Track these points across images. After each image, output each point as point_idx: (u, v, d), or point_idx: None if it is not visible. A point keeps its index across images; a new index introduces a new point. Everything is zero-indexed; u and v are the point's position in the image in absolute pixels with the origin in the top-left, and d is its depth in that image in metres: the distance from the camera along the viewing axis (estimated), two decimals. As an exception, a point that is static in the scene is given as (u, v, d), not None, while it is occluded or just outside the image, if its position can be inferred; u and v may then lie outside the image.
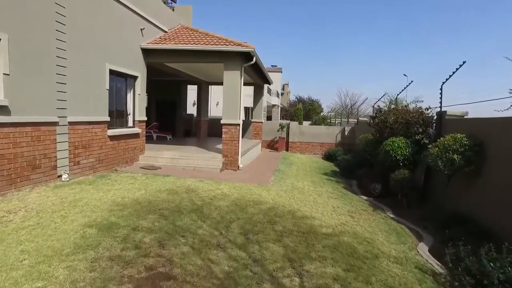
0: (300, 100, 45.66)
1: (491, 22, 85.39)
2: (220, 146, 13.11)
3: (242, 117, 10.96)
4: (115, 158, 9.36)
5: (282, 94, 41.41)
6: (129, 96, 10.32)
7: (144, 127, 11.03)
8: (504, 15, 78.14)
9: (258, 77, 14.81)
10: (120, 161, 9.66)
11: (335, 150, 17.04)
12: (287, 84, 47.12)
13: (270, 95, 29.98)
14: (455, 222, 6.30)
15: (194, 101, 23.70)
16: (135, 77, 10.36)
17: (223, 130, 10.66)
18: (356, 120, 19.53)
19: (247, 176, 9.99)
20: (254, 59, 10.59)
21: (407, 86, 11.28)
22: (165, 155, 10.85)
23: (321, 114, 36.51)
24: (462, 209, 6.60)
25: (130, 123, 10.40)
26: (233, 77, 10.48)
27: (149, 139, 14.61)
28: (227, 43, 10.32)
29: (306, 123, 23.45)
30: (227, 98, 10.58)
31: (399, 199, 8.52)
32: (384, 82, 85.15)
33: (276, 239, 4.99)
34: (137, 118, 10.51)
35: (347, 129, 18.67)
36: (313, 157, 17.96)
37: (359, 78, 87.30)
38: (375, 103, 15.24)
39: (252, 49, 10.04)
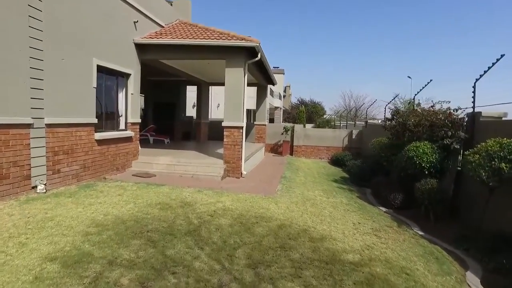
0: (302, 102, 44.59)
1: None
2: (221, 150, 12.02)
3: (245, 119, 9.88)
4: (103, 164, 8.26)
5: (284, 96, 40.33)
6: (121, 96, 9.22)
7: (138, 130, 9.93)
8: None
9: (262, 77, 13.72)
10: (110, 168, 8.56)
11: (343, 155, 15.94)
12: (289, 87, 46.10)
13: (273, 97, 28.88)
14: (504, 244, 5.19)
15: (194, 103, 22.65)
16: (127, 75, 9.27)
17: (224, 133, 9.56)
18: (363, 122, 18.42)
19: (252, 184, 8.87)
20: (259, 55, 9.51)
21: (426, 85, 10.19)
22: (161, 160, 9.75)
23: (324, 116, 35.43)
24: (511, 229, 5.48)
25: (122, 126, 9.30)
26: (236, 75, 9.40)
27: (145, 143, 13.52)
28: (229, 38, 9.24)
29: (309, 126, 22.33)
30: (229, 98, 9.48)
31: (423, 212, 7.42)
32: (384, 84, 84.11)
33: (294, 273, 3.87)
34: (130, 120, 9.42)
35: (355, 132, 17.57)
36: (320, 162, 16.85)
37: (361, 79, 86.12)
38: (386, 105, 14.15)
39: (257, 44, 8.96)
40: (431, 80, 10.23)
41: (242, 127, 9.61)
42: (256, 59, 9.58)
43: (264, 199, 7.26)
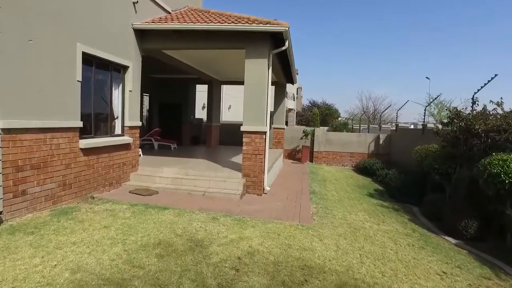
0: (313, 104, 42.51)
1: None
2: (236, 158, 10.10)
3: (269, 122, 7.96)
4: (91, 180, 6.39)
5: (296, 98, 38.35)
6: (116, 93, 7.36)
7: (138, 135, 8.05)
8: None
9: (282, 73, 11.78)
10: (101, 184, 6.68)
11: (371, 162, 13.90)
12: (301, 88, 44.14)
13: (286, 98, 26.91)
14: None
15: (204, 104, 20.80)
16: (124, 68, 7.41)
17: (244, 140, 7.63)
18: (390, 125, 16.39)
19: (279, 205, 6.93)
20: (287, 44, 7.58)
21: (490, 80, 8.14)
22: (166, 173, 7.85)
23: (339, 119, 33.32)
24: None
25: (118, 130, 7.44)
26: (258, 68, 7.47)
27: (149, 149, 11.64)
28: (250, 22, 7.33)
29: (322, 129, 20.29)
30: (250, 97, 7.56)
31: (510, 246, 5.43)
32: (394, 84, 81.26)
33: None
34: (127, 124, 7.55)
35: (382, 137, 15.52)
36: (344, 170, 14.83)
37: (372, 82, 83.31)
38: (425, 107, 12.11)
39: (286, 29, 7.03)
40: (496, 75, 8.19)
41: (266, 132, 7.68)
42: (283, 48, 7.65)
43: (302, 230, 5.30)
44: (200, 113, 19.73)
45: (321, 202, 7.67)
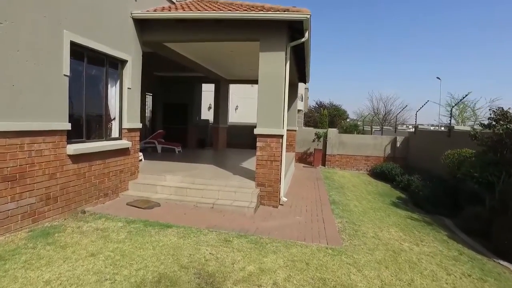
0: (320, 105, 41.37)
1: None
2: (247, 163, 9.11)
3: (285, 124, 6.97)
4: (82, 191, 5.43)
5: (303, 99, 37.30)
6: (113, 91, 6.42)
7: (138, 138, 7.10)
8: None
9: (296, 70, 10.78)
10: (94, 195, 5.73)
11: (390, 167, 12.84)
12: (307, 89, 43.03)
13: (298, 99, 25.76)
14: None
15: (210, 104, 19.84)
16: (122, 62, 6.47)
17: (257, 144, 6.64)
18: (408, 127, 15.33)
19: (299, 219, 5.93)
20: (307, 35, 6.59)
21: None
22: (169, 181, 6.90)
23: (347, 120, 32.22)
24: None
25: (115, 133, 6.49)
26: (275, 62, 6.49)
27: (151, 153, 10.69)
28: (264, 10, 6.36)
29: (335, 131, 19.18)
30: (265, 96, 6.57)
31: None
32: (402, 87, 79.71)
33: None
34: (125, 126, 6.59)
35: (399, 139, 14.46)
36: (359, 174, 13.79)
37: (378, 80, 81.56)
38: (452, 107, 11.04)
39: (307, 17, 6.03)
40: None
41: (282, 136, 6.69)
42: (302, 39, 6.66)
43: (333, 256, 4.29)
44: (206, 114, 18.78)
45: (345, 215, 6.66)
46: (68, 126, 4.96)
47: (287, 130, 12.92)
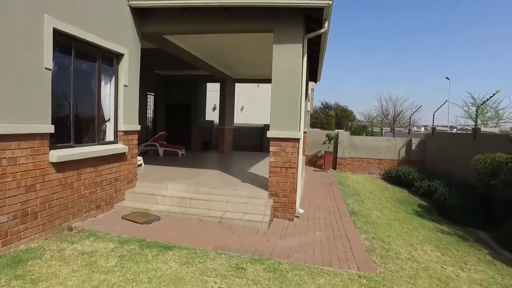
0: (326, 106, 40.45)
1: None
2: (256, 168, 8.26)
3: (302, 126, 6.13)
4: (70, 204, 4.63)
5: (309, 99, 36.45)
6: (107, 88, 5.61)
7: (136, 142, 6.28)
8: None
9: (308, 67, 9.91)
10: (84, 208, 4.92)
11: (406, 171, 11.96)
12: (313, 89, 42.17)
13: (302, 99, 24.89)
14: None
15: (215, 104, 19.03)
16: (118, 56, 5.67)
17: (271, 149, 5.81)
18: (423, 129, 14.44)
19: (319, 235, 5.09)
20: (326, 25, 5.75)
21: None
22: (170, 190, 6.08)
23: (354, 121, 31.32)
24: None
25: (109, 136, 5.68)
26: (291, 55, 5.65)
27: (153, 156, 9.89)
28: (279, -4, 5.52)
29: (347, 133, 18.27)
30: (279, 94, 5.74)
31: None
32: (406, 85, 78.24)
33: None
34: (121, 128, 5.78)
35: (415, 141, 13.57)
36: (373, 179, 12.91)
37: (384, 81, 79.98)
38: (480, 105, 10.16)
39: (328, 3, 5.19)
40: None
41: (299, 139, 5.85)
42: (321, 30, 5.80)
43: (370, 290, 3.45)
44: (211, 115, 17.97)
45: (369, 228, 5.81)
46: (50, 128, 4.16)
47: (297, 132, 12.12)
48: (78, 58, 4.83)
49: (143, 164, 8.13)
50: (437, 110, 13.26)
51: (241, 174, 7.56)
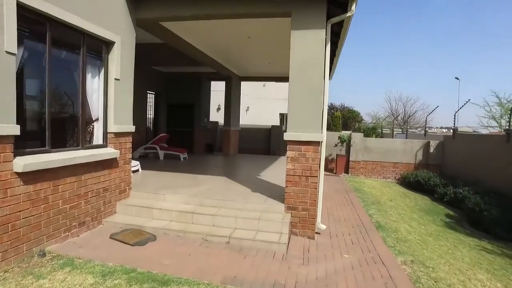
0: (331, 107, 39.46)
1: None
2: (267, 174, 7.26)
3: (325, 127, 5.17)
4: (43, 222, 3.69)
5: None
6: (95, 82, 4.69)
7: (130, 145, 5.35)
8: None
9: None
10: (62, 226, 3.99)
11: (426, 176, 10.96)
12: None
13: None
14: None
15: (219, 105, 18.13)
16: (107, 44, 4.75)
17: (288, 154, 4.85)
18: (443, 131, 13.44)
19: (349, 259, 4.12)
20: (353, 8, 4.79)
21: None
22: (169, 202, 5.15)
23: (361, 122, 30.30)
24: None
25: (97, 139, 4.76)
26: (312, 43, 4.71)
27: (153, 160, 8.97)
28: (298, -27, 4.59)
29: (360, 135, 17.18)
30: (298, 89, 4.79)
31: None
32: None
33: None
34: (112, 129, 4.86)
35: (433, 144, 12.56)
36: (389, 184, 11.91)
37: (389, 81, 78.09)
38: None
39: (359, -21, 4.24)
40: None
41: (321, 142, 4.90)
42: (348, 14, 4.85)
43: None
44: (215, 116, 17.05)
45: (403, 248, 4.85)
46: (14, 129, 3.23)
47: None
48: (56, 44, 3.91)
49: (140, 170, 7.22)
50: (458, 110, 12.27)
51: (251, 182, 6.60)
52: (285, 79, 14.20)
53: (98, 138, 4.78)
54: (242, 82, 12.29)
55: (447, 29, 78.65)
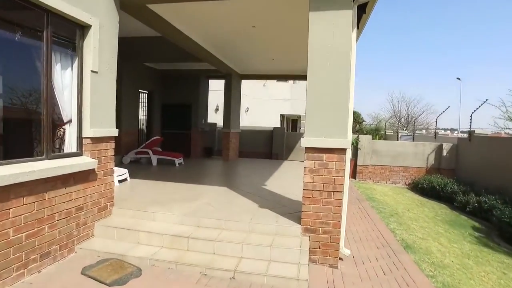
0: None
1: None
2: (274, 183, 6.13)
3: (350, 131, 4.24)
4: (-14, 261, 2.72)
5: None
6: (66, 75, 3.72)
7: (111, 152, 4.36)
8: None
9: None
10: (14, 263, 3.00)
11: (442, 182, 10.07)
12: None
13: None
14: None
15: (217, 106, 17.15)
16: (82, 28, 3.78)
17: (306, 163, 3.89)
18: (454, 132, 12.58)
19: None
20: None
21: None
22: (159, 222, 4.19)
23: (363, 123, 29.43)
24: None
25: (69, 146, 3.79)
26: (336, 26, 3.76)
27: (145, 167, 7.97)
28: None
29: (368, 137, 16.40)
30: (318, 84, 3.84)
31: None
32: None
33: None
34: (88, 133, 3.88)
35: (446, 147, 11.68)
36: (400, 190, 11.01)
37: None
38: None
39: None
40: None
41: (347, 149, 3.95)
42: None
43: None
44: (213, 117, 16.07)
45: (446, 279, 3.97)
46: None
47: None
48: (6, 24, 2.94)
49: (128, 179, 6.24)
50: (475, 111, 11.37)
51: (257, 194, 5.64)
52: (287, 77, 13.31)
53: (70, 145, 3.80)
54: (242, 81, 11.33)
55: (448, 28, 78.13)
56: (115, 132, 4.32)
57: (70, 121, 3.81)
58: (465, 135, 16.51)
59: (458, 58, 72.91)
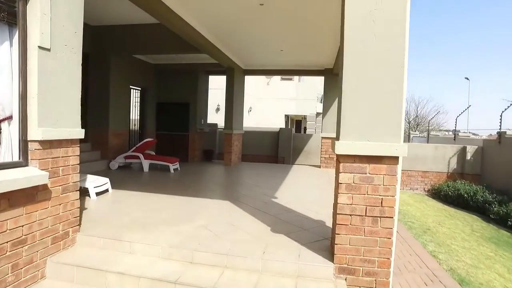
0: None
1: None
2: (286, 195, 4.83)
3: (402, 133, 3.13)
4: None
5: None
6: (1, 53, 2.58)
7: (75, 161, 3.21)
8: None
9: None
10: None
11: (471, 190, 8.94)
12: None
13: (316, 100, 21.75)
14: None
15: (218, 105, 16.02)
16: (24, -17, 2.63)
17: (341, 177, 2.74)
18: (473, 134, 11.47)
19: None
20: None
21: None
22: (138, 255, 3.03)
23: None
24: None
25: (8, 153, 2.64)
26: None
27: (133, 174, 6.80)
28: None
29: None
30: (360, 65, 2.68)
31: None
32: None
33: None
34: (35, 135, 2.73)
35: (470, 150, 10.52)
36: (421, 198, 9.86)
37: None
38: None
39: None
40: None
41: (399, 158, 2.79)
42: None
43: None
44: (213, 117, 14.91)
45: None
46: None
47: (326, 137, 9.06)
48: None
49: (110, 190, 5.10)
50: (504, 110, 10.20)
51: (267, 211, 4.48)
52: (297, 72, 12.06)
53: (8, 151, 2.66)
54: (245, 77, 10.19)
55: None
56: (79, 133, 3.18)
57: (9, 118, 2.68)
58: (483, 136, 15.30)
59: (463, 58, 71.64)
